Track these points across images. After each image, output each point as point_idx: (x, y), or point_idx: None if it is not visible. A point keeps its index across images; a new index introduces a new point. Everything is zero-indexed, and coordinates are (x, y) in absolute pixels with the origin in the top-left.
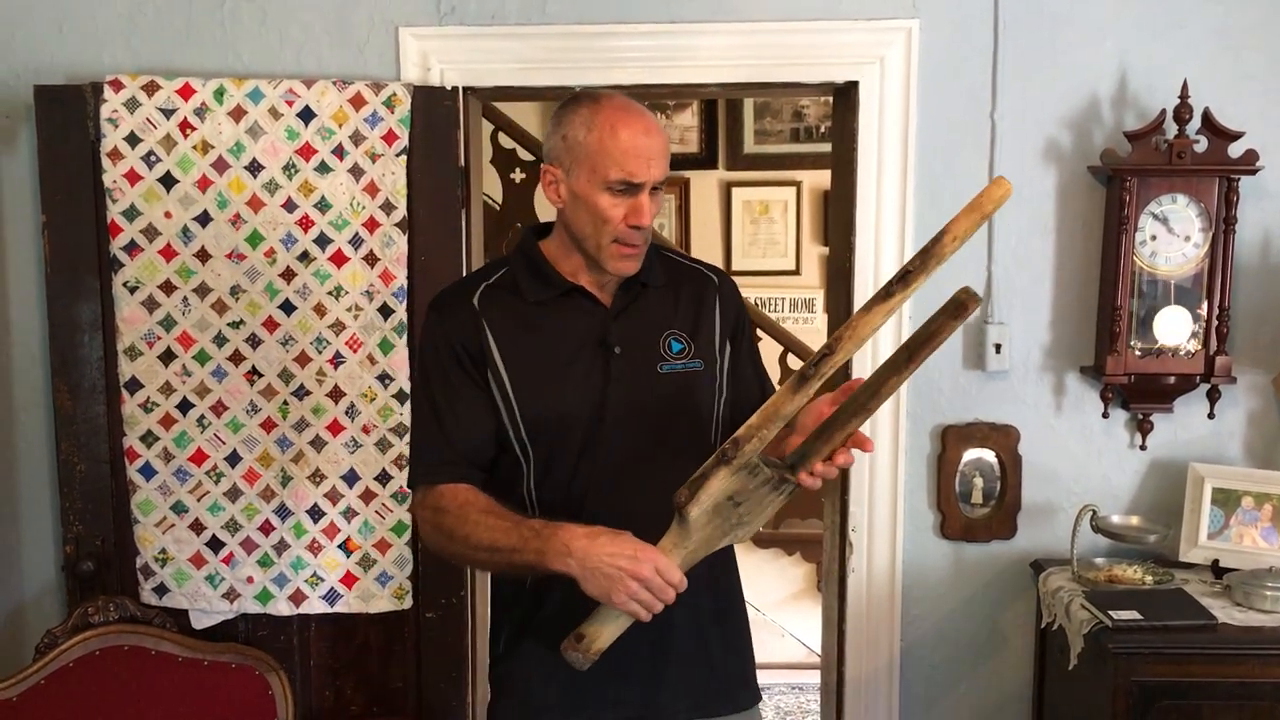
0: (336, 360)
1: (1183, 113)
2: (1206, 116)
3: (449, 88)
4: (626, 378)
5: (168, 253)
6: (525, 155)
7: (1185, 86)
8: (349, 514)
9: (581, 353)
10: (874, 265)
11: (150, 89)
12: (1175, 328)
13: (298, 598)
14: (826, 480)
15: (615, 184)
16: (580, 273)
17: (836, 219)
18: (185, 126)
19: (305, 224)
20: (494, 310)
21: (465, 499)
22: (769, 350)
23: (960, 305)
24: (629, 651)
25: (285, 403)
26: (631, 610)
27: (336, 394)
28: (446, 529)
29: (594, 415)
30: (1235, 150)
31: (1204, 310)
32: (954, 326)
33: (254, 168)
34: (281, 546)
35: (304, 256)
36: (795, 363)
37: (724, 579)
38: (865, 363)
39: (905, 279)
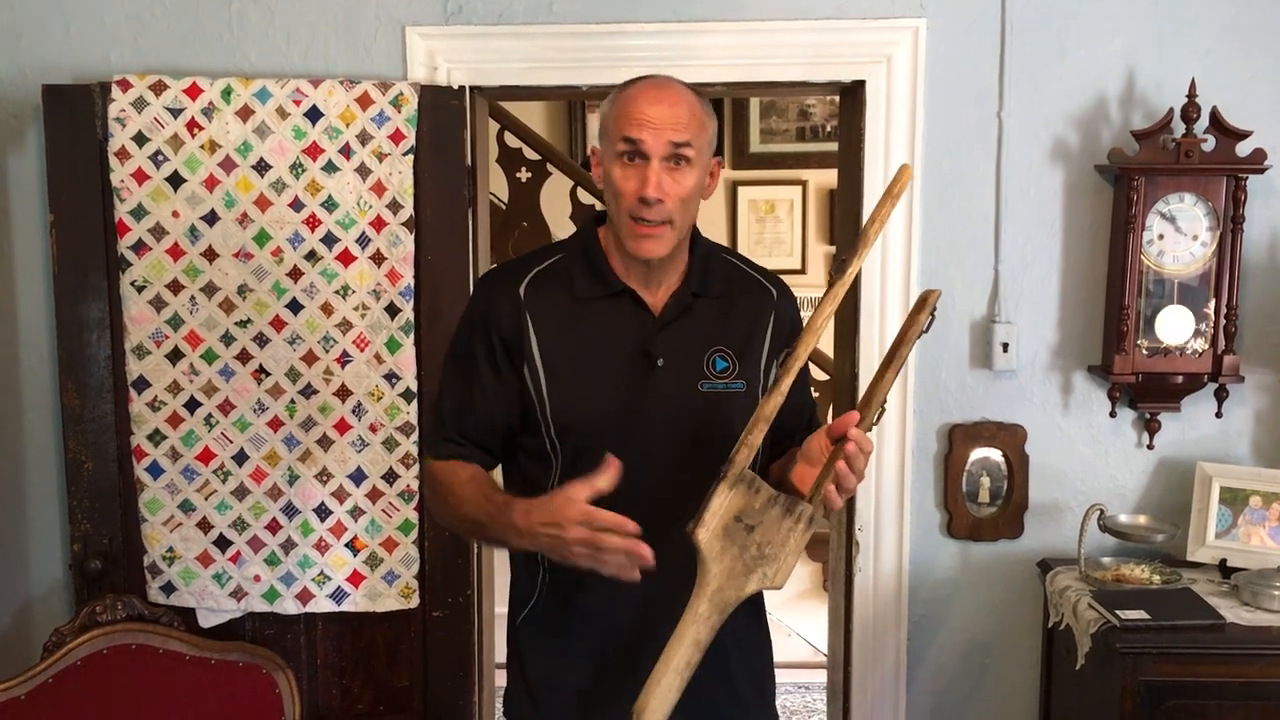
0: (344, 359)
1: (1190, 111)
2: (1214, 115)
3: (456, 87)
4: (665, 393)
5: (175, 252)
6: (531, 155)
7: (1193, 85)
8: (356, 513)
9: (623, 361)
10: (880, 264)
11: (158, 89)
12: (1178, 327)
13: (305, 596)
14: (845, 495)
15: (622, 151)
16: (632, 272)
17: (843, 218)
18: (193, 126)
19: (312, 223)
20: (540, 301)
21: (453, 468)
22: None
23: (922, 301)
24: (646, 667)
25: (292, 401)
26: (590, 567)
27: (344, 393)
28: (440, 497)
29: (626, 428)
30: (1243, 149)
31: (1211, 309)
32: (920, 321)
33: (261, 167)
34: (288, 545)
35: (311, 255)
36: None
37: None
38: (869, 371)
39: (841, 267)
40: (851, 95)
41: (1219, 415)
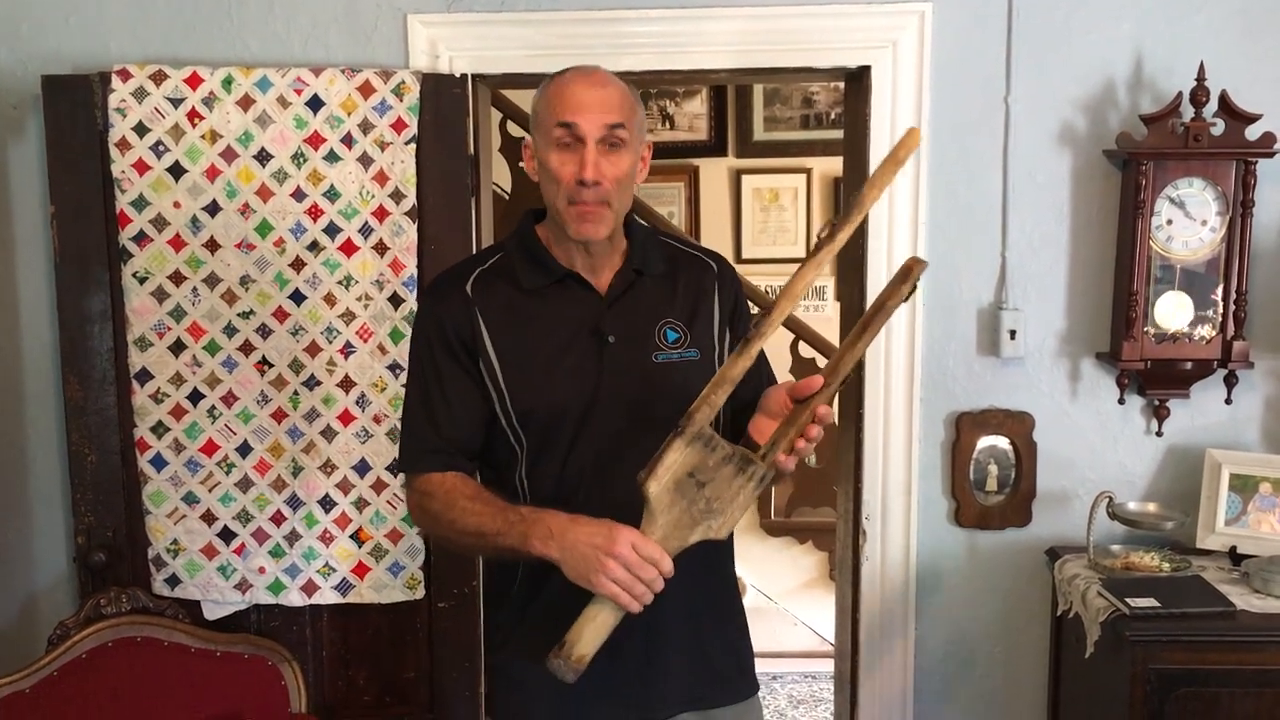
0: (347, 350)
1: (1199, 95)
2: (1224, 99)
3: (457, 75)
4: (620, 368)
5: (177, 243)
6: None
7: (1202, 69)
8: (360, 504)
9: (575, 342)
10: (887, 251)
11: (158, 78)
12: (1176, 313)
13: (310, 588)
14: (800, 458)
15: (559, 137)
16: (575, 258)
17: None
18: (193, 116)
19: (314, 213)
20: (487, 298)
21: (451, 485)
22: (780, 339)
23: (906, 270)
24: (623, 644)
25: (296, 393)
26: (611, 593)
27: (347, 384)
28: (433, 513)
29: (586, 405)
30: (1253, 133)
31: (1220, 295)
32: (902, 291)
33: (262, 157)
34: (293, 537)
35: (313, 246)
36: (806, 350)
37: (717, 567)
38: (876, 361)
39: (831, 233)
40: (857, 81)
41: (1228, 401)
